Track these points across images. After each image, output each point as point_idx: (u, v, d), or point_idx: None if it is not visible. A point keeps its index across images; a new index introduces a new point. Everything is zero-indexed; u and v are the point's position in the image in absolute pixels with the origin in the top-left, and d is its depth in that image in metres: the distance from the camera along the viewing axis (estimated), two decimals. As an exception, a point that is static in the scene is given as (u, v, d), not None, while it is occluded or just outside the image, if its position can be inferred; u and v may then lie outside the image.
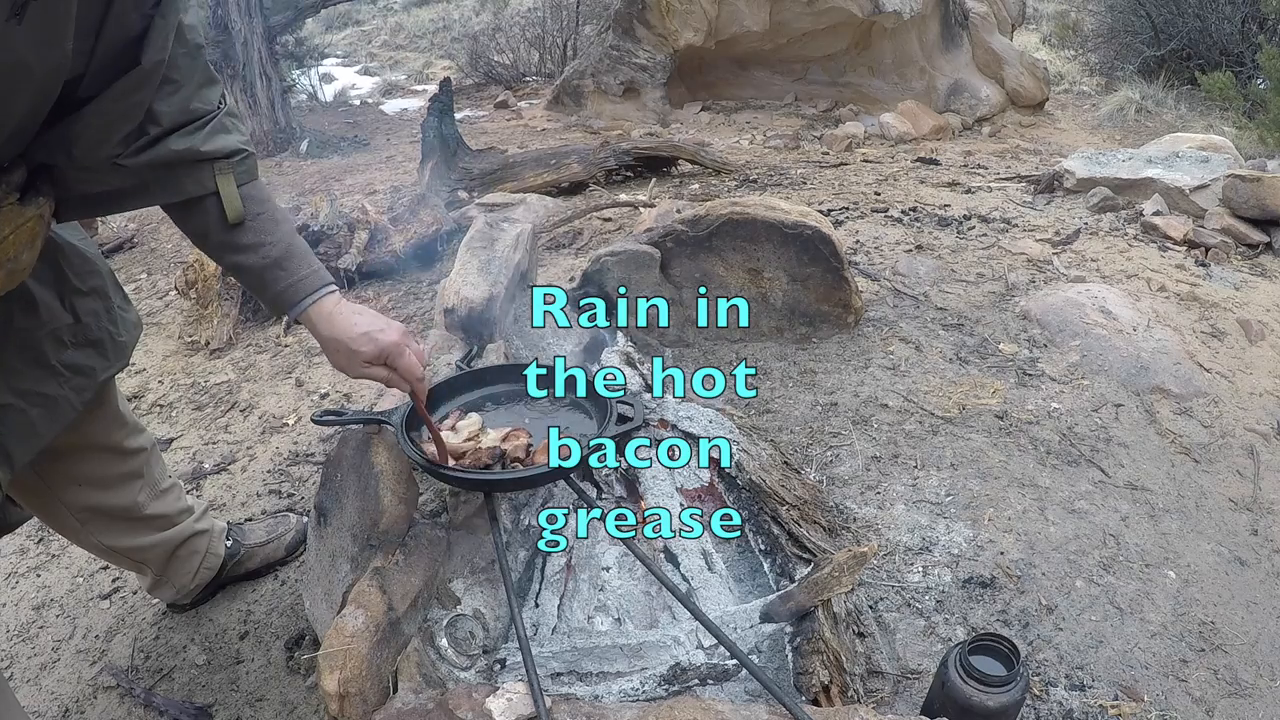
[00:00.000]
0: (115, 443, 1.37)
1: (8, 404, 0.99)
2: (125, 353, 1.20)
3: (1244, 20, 7.33)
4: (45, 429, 1.05)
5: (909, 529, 1.79)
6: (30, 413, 1.02)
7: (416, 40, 14.11)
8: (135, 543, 1.55)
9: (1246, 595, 1.67)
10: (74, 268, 1.09)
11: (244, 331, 3.10)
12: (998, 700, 1.15)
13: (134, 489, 1.48)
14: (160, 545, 1.59)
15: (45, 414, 1.04)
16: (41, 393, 1.03)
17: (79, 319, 1.08)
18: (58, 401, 1.06)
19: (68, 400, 1.08)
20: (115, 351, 1.17)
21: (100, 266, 1.16)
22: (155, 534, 1.57)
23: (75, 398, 1.09)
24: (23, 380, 1.00)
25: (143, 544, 1.56)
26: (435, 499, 1.49)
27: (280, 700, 1.56)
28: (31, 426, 1.02)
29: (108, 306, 1.16)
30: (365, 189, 4.95)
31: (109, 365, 1.16)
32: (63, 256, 1.07)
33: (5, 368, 0.98)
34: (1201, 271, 2.99)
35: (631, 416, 1.43)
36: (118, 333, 1.17)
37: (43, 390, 1.03)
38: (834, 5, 6.26)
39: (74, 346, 1.08)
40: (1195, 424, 2.17)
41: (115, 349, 1.17)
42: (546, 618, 1.39)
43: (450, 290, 1.93)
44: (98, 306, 1.13)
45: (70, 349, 1.07)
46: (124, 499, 1.46)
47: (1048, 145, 5.95)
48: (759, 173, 4.79)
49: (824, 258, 2.41)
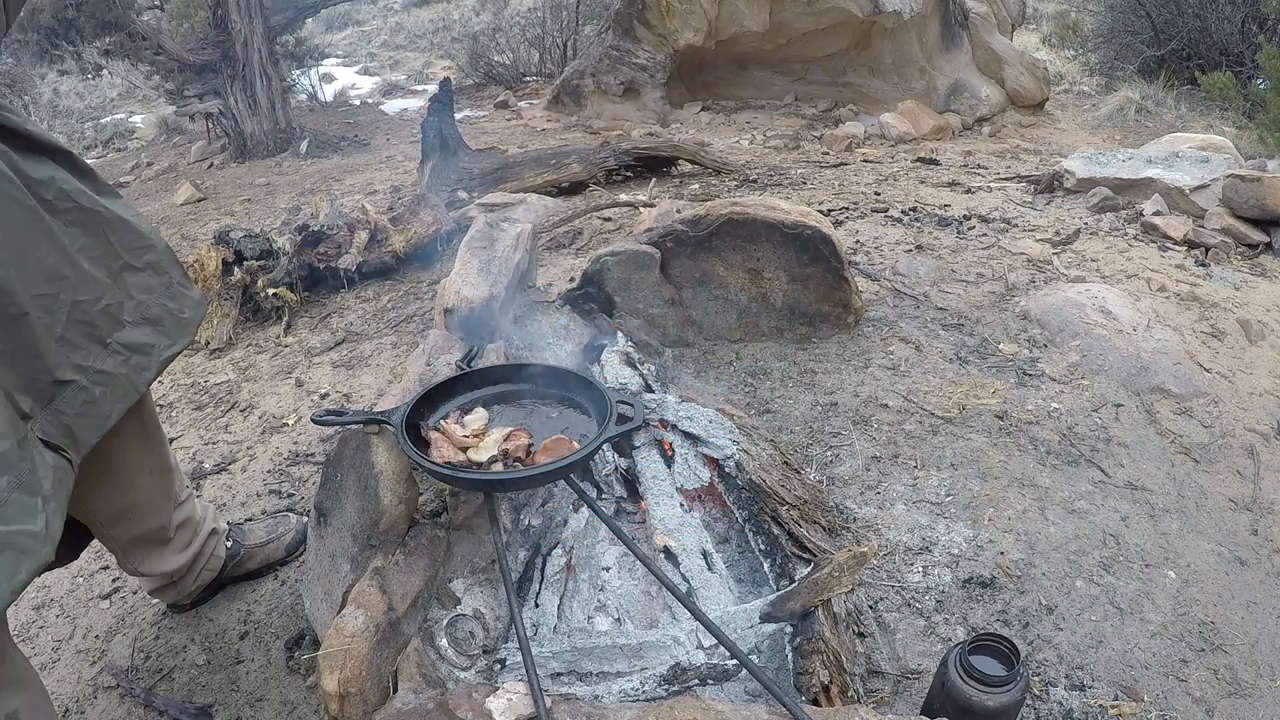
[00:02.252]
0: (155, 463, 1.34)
1: (69, 380, 0.96)
2: (187, 330, 1.16)
3: (1244, 20, 7.33)
4: (109, 409, 1.02)
5: (909, 529, 1.79)
6: (93, 391, 0.99)
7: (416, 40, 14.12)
8: (166, 567, 1.55)
9: (1246, 595, 1.67)
10: (125, 243, 1.05)
11: (244, 331, 3.10)
12: (998, 700, 1.15)
13: (168, 510, 1.47)
14: (185, 562, 1.60)
15: (108, 393, 1.01)
16: (102, 370, 1.00)
17: (132, 295, 1.05)
18: (119, 380, 1.03)
19: (129, 379, 1.05)
20: (176, 329, 1.13)
21: (156, 242, 1.12)
22: (180, 554, 1.57)
23: (136, 377, 1.06)
24: (83, 357, 0.98)
25: (172, 568, 1.56)
26: (435, 499, 1.49)
27: (280, 700, 1.56)
28: (95, 406, 1.00)
29: (165, 283, 1.12)
30: (365, 189, 4.95)
31: (171, 343, 1.12)
32: (111, 231, 1.03)
33: (66, 342, 0.95)
34: (1201, 271, 2.99)
35: (631, 416, 1.43)
36: (179, 309, 1.13)
37: (103, 368, 1.00)
38: (834, 5, 6.26)
39: (131, 324, 1.05)
40: (1195, 424, 2.17)
41: (176, 326, 1.13)
42: (546, 618, 1.39)
43: (450, 290, 1.93)
44: (154, 282, 1.10)
45: (127, 326, 1.04)
46: (160, 521, 1.45)
47: (1048, 145, 5.95)
48: (759, 173, 4.79)
49: (824, 258, 2.41)
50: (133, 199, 5.54)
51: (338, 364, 2.80)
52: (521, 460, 1.36)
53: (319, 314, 3.18)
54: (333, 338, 2.97)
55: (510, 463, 1.36)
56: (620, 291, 2.39)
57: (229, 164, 6.30)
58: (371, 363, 2.77)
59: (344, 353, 2.87)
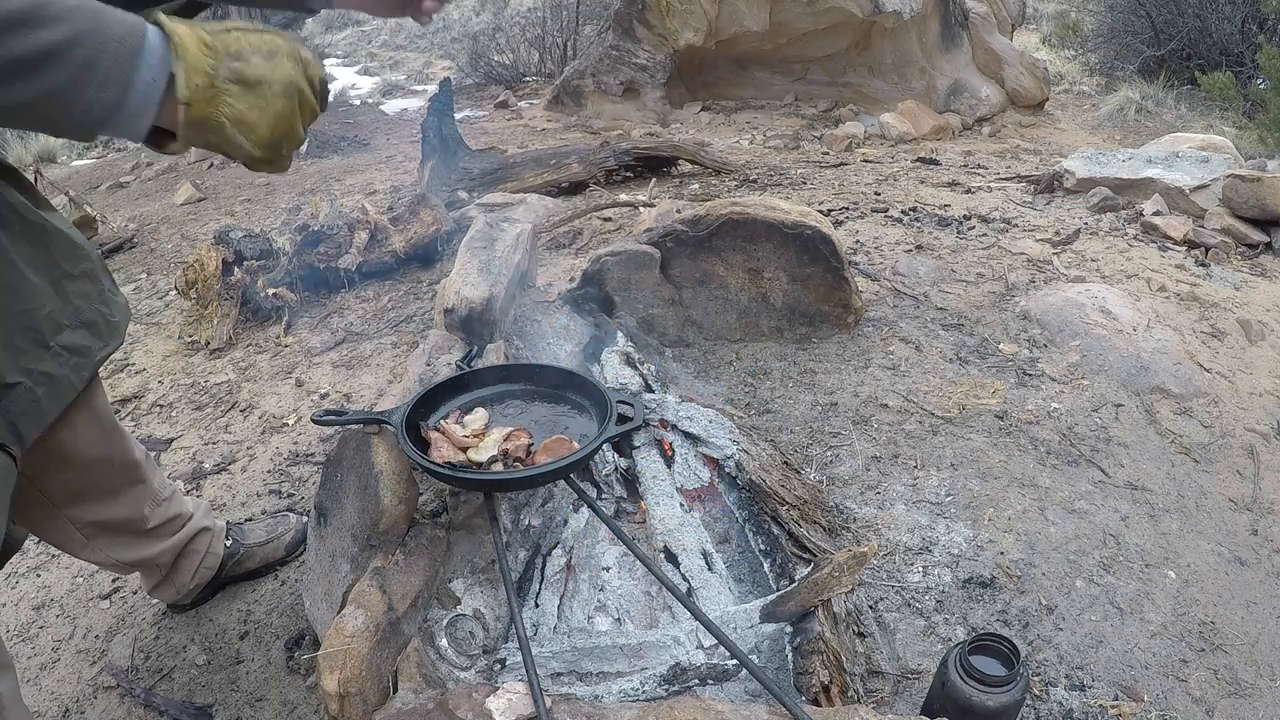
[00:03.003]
0: (113, 453, 1.40)
1: (16, 383, 1.04)
2: (118, 333, 1.24)
3: (1244, 20, 7.33)
4: (50, 407, 1.11)
5: (909, 529, 1.79)
6: (36, 391, 1.07)
7: (416, 40, 14.11)
8: (143, 554, 1.58)
9: (1246, 595, 1.67)
10: (63, 253, 1.13)
11: (244, 331, 3.10)
12: (998, 700, 1.15)
13: (138, 499, 1.50)
14: (168, 551, 1.62)
15: (49, 393, 1.10)
16: (45, 372, 1.08)
17: (70, 301, 1.13)
18: (59, 381, 1.11)
19: (68, 379, 1.13)
20: (109, 331, 1.21)
21: (89, 251, 1.20)
22: (161, 542, 1.60)
23: (74, 376, 1.14)
24: (28, 360, 1.06)
25: (152, 554, 1.59)
26: (435, 499, 1.49)
27: (280, 700, 1.56)
28: (38, 405, 1.08)
29: (99, 289, 1.20)
30: (365, 189, 4.95)
31: (104, 345, 1.20)
32: (51, 242, 1.11)
33: (12, 348, 1.03)
34: (1201, 271, 2.99)
35: (631, 416, 1.43)
36: (110, 314, 1.22)
37: (45, 370, 1.08)
38: (834, 5, 6.25)
39: (69, 328, 1.13)
40: (1195, 424, 2.17)
41: (109, 329, 1.21)
42: (546, 618, 1.39)
43: (450, 290, 1.93)
44: (89, 289, 1.18)
45: (66, 330, 1.12)
46: (128, 510, 1.48)
47: (1048, 145, 5.95)
48: (759, 173, 4.79)
49: (824, 258, 2.41)
50: (133, 199, 5.54)
51: (338, 364, 2.80)
52: (521, 460, 1.36)
53: (319, 314, 3.18)
54: (333, 338, 2.97)
55: (510, 463, 1.36)
56: (620, 291, 2.39)
57: (229, 164, 6.29)
58: (371, 363, 2.77)
59: (344, 353, 2.87)
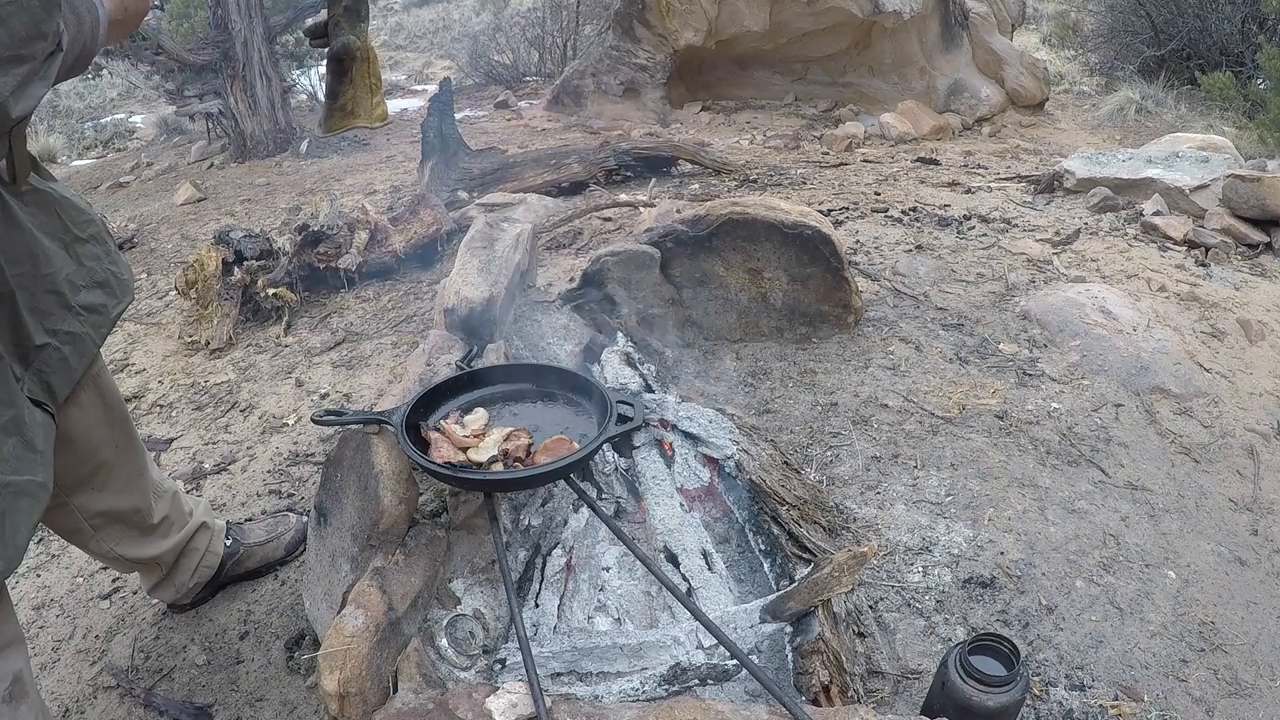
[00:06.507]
0: (119, 437, 1.44)
1: (46, 343, 1.11)
2: (129, 289, 1.32)
3: (1244, 20, 7.33)
4: (77, 365, 1.19)
5: (909, 529, 1.79)
6: (64, 350, 1.15)
7: (416, 40, 14.10)
8: (146, 553, 1.59)
9: (1246, 595, 1.67)
10: (72, 219, 1.20)
11: (244, 331, 3.10)
12: (998, 700, 1.15)
13: (144, 490, 1.52)
14: (170, 551, 1.64)
15: (75, 350, 1.17)
16: (69, 331, 1.16)
17: (83, 263, 1.21)
18: (82, 339, 1.19)
19: (89, 337, 1.21)
20: (120, 289, 1.29)
21: (94, 215, 1.28)
22: (164, 540, 1.62)
23: (95, 334, 1.22)
24: (54, 321, 1.13)
25: (155, 553, 1.61)
26: (435, 499, 1.49)
27: (280, 700, 1.56)
28: (66, 363, 1.15)
29: (106, 250, 1.28)
30: (365, 189, 4.95)
31: (118, 301, 1.28)
32: (61, 209, 1.18)
33: (39, 311, 1.10)
34: (1201, 271, 2.98)
35: (631, 416, 1.43)
36: (119, 272, 1.30)
37: (69, 329, 1.16)
38: (834, 5, 6.25)
39: (85, 288, 1.20)
40: (1195, 424, 2.17)
41: (120, 286, 1.29)
42: (546, 618, 1.39)
43: (450, 290, 1.93)
44: (98, 251, 1.25)
45: (83, 290, 1.20)
46: (134, 500, 1.51)
47: (1048, 145, 5.95)
48: (759, 173, 4.79)
49: (824, 258, 2.41)
50: (133, 199, 5.54)
51: (338, 364, 2.80)
52: (521, 460, 1.36)
53: (319, 314, 3.18)
54: (333, 338, 2.97)
55: (510, 463, 1.36)
56: (620, 291, 2.38)
57: (229, 164, 6.29)
58: (371, 363, 2.77)
59: (344, 353, 2.87)
